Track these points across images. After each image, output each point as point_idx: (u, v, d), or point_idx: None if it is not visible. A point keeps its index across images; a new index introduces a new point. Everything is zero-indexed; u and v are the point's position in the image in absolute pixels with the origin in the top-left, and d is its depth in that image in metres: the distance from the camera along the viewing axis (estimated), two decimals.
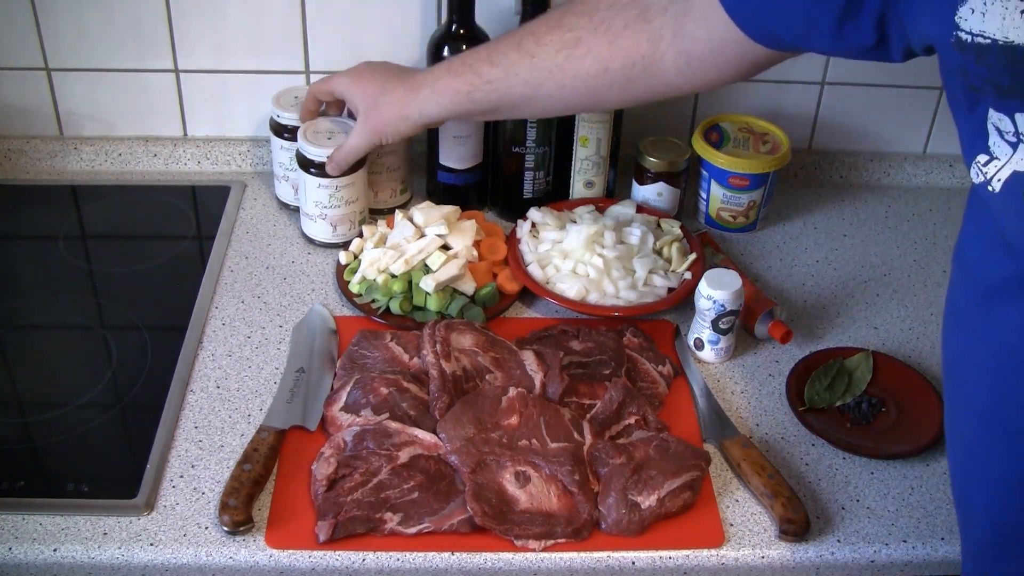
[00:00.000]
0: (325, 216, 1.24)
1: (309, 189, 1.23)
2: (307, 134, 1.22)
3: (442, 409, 1.02)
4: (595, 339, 1.13)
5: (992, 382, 0.73)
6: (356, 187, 1.24)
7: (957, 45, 0.67)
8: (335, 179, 1.21)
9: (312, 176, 1.22)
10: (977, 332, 0.74)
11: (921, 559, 0.97)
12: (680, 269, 1.23)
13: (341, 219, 1.25)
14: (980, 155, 0.71)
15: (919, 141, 1.48)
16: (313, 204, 1.24)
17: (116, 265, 1.27)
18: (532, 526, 0.94)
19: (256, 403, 1.07)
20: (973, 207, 0.76)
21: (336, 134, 1.23)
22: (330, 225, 1.25)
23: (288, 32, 1.34)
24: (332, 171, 1.20)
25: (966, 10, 0.66)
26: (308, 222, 1.27)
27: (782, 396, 1.11)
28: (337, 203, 1.23)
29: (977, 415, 0.76)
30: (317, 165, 1.21)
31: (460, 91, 1.06)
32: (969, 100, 0.72)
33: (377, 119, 1.14)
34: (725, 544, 0.96)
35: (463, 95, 1.06)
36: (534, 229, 1.27)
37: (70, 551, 0.92)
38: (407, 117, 1.12)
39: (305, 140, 1.21)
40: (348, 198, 1.24)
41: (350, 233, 1.27)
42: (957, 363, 0.78)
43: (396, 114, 1.13)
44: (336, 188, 1.22)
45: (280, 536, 0.94)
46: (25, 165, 1.42)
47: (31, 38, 1.33)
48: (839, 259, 1.33)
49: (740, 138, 1.35)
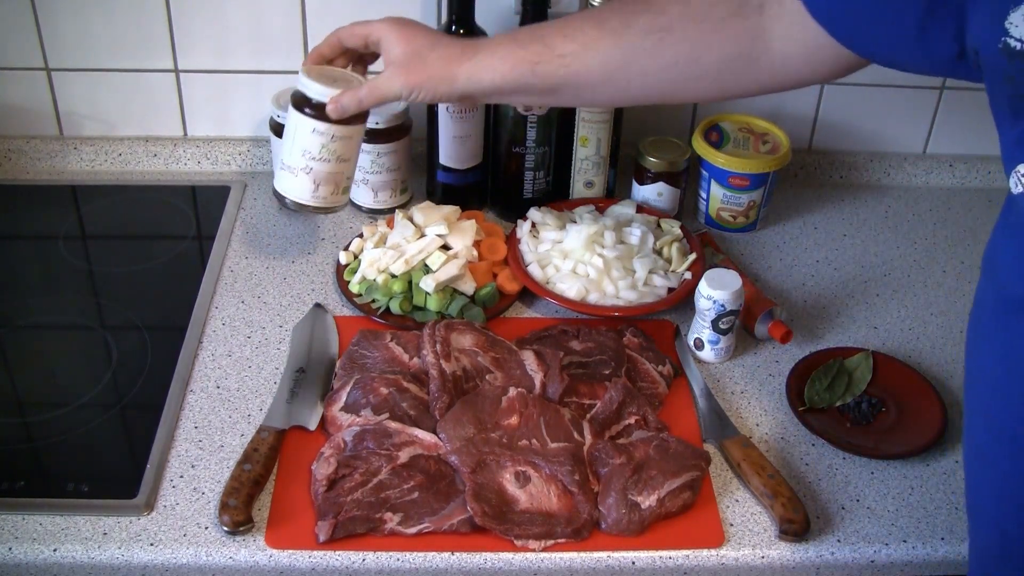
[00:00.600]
0: (310, 170, 1.06)
1: (299, 134, 1.05)
2: (310, 72, 1.04)
3: (442, 409, 1.02)
4: (595, 339, 1.13)
5: (1007, 395, 0.72)
6: (352, 144, 1.07)
7: (1005, 52, 0.66)
8: (334, 126, 1.04)
9: (307, 117, 1.04)
10: (997, 342, 0.72)
11: (921, 559, 0.97)
12: (680, 269, 1.23)
13: (326, 178, 1.07)
14: (1021, 165, 0.69)
15: (919, 141, 1.48)
16: (300, 153, 1.06)
17: (116, 265, 1.27)
18: (532, 526, 0.94)
19: (256, 403, 1.07)
20: (1008, 216, 0.74)
21: (343, 82, 1.05)
22: (312, 183, 1.07)
23: (288, 32, 1.34)
24: (334, 112, 1.03)
25: (1017, 16, 0.64)
26: (286, 176, 1.08)
27: (782, 396, 1.11)
28: (328, 156, 1.06)
29: (990, 426, 0.74)
30: (315, 106, 1.04)
31: (524, 60, 0.96)
32: (1014, 108, 0.69)
33: (420, 71, 0.99)
34: (725, 544, 0.96)
35: (526, 65, 0.95)
36: (534, 229, 1.27)
37: (70, 551, 0.92)
38: (454, 78, 0.98)
39: (308, 76, 1.04)
40: (341, 154, 1.07)
41: (331, 199, 1.09)
42: (976, 370, 0.76)
43: (442, 71, 0.98)
44: (332, 138, 1.05)
45: (280, 536, 0.94)
46: (25, 165, 1.42)
47: (31, 38, 1.33)
48: (839, 259, 1.33)
49: (740, 138, 1.35)
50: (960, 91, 1.42)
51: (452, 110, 1.26)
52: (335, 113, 1.03)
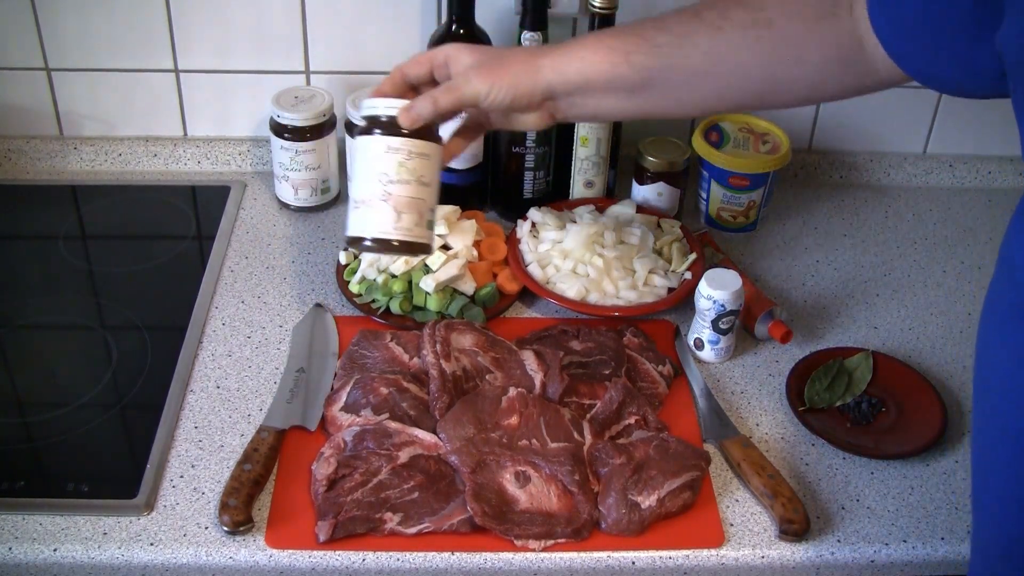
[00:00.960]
0: (388, 196, 0.93)
1: (370, 159, 0.93)
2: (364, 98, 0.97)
3: (442, 409, 1.02)
4: (595, 339, 1.13)
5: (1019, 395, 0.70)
6: (431, 164, 0.95)
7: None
8: (409, 140, 0.93)
9: (378, 136, 0.93)
10: (1011, 341, 0.71)
11: (921, 559, 0.97)
12: (680, 269, 1.23)
13: (408, 204, 0.93)
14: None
15: (919, 141, 1.48)
16: (376, 179, 0.93)
17: (116, 265, 1.27)
18: (532, 526, 0.94)
19: (256, 403, 1.07)
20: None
21: None
22: (394, 211, 0.93)
23: (288, 32, 1.34)
24: (408, 120, 0.92)
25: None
26: (361, 213, 0.94)
27: (782, 396, 1.11)
28: (407, 177, 0.92)
29: (999, 425, 0.73)
30: (385, 123, 0.93)
31: (617, 49, 0.90)
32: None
33: (499, 67, 0.93)
34: (725, 544, 0.96)
35: (620, 55, 0.90)
36: (534, 229, 1.27)
37: (70, 551, 0.92)
38: (537, 68, 0.92)
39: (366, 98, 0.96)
40: (421, 174, 0.93)
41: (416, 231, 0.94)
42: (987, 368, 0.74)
43: (524, 65, 0.92)
44: (408, 154, 0.93)
45: (280, 536, 0.94)
46: (25, 165, 1.42)
47: (31, 38, 1.33)
48: (839, 259, 1.33)
49: (740, 138, 1.35)
50: None
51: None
52: (409, 121, 0.93)
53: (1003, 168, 1.48)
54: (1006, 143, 1.47)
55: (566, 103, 0.95)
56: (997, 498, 0.75)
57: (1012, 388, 0.71)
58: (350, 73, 1.37)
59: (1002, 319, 0.73)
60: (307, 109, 1.29)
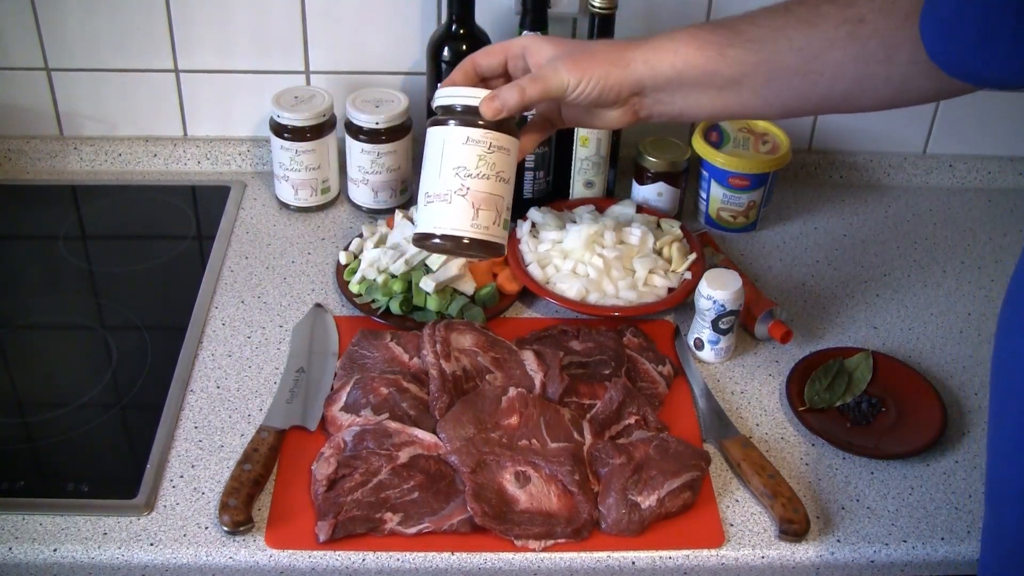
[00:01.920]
0: (466, 191, 0.89)
1: (448, 151, 0.89)
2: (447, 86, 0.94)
3: (442, 409, 1.02)
4: (595, 339, 1.13)
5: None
6: (511, 160, 0.91)
7: None
8: (491, 132, 0.89)
9: (458, 127, 0.89)
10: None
11: (921, 559, 0.97)
12: (680, 269, 1.23)
13: (486, 200, 0.90)
14: None
15: (919, 141, 1.48)
16: (452, 173, 0.89)
17: (116, 265, 1.27)
18: (532, 526, 0.94)
19: (256, 403, 1.07)
20: None
21: None
22: (471, 207, 0.89)
23: (288, 32, 1.34)
24: (490, 110, 0.88)
25: None
26: (435, 208, 0.90)
27: (782, 396, 1.11)
28: (486, 172, 0.89)
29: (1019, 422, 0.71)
30: (464, 112, 0.89)
31: (711, 43, 0.88)
32: None
33: (587, 59, 0.89)
34: (725, 544, 0.96)
35: (714, 48, 0.88)
36: (534, 229, 1.27)
37: (70, 551, 0.92)
38: (628, 62, 0.89)
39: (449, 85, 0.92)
40: (501, 170, 0.90)
41: (493, 229, 0.91)
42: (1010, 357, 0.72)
43: (614, 57, 0.89)
44: (489, 147, 0.89)
45: (280, 536, 0.94)
46: (25, 165, 1.42)
47: (31, 38, 1.33)
48: (839, 259, 1.33)
49: (740, 138, 1.35)
50: None
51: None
52: (492, 112, 0.88)
53: (1003, 168, 1.48)
54: (1006, 143, 1.47)
55: (653, 99, 0.93)
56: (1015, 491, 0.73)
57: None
58: (350, 73, 1.37)
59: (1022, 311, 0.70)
60: (307, 109, 1.29)
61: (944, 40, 0.77)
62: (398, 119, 1.29)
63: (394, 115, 1.28)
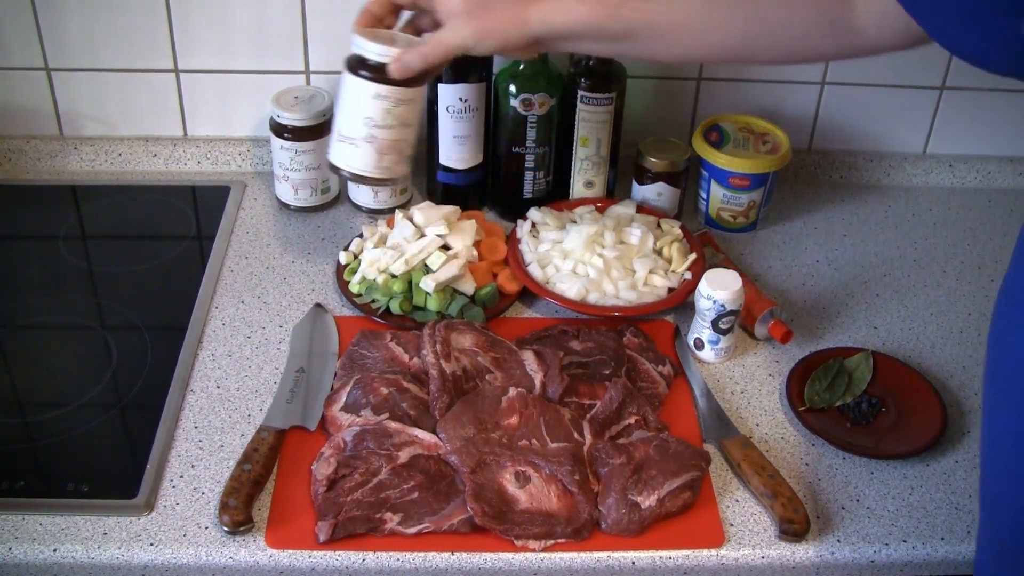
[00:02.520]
0: (373, 139, 1.00)
1: (359, 101, 0.99)
2: (365, 34, 0.99)
3: (442, 409, 1.02)
4: (595, 339, 1.13)
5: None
6: (416, 107, 1.01)
7: None
8: (398, 88, 0.98)
9: (368, 81, 0.97)
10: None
11: (921, 559, 0.97)
12: (680, 269, 1.23)
13: (391, 146, 1.01)
14: None
15: (919, 141, 1.48)
16: (361, 121, 0.99)
17: (116, 265, 1.27)
18: (532, 526, 0.94)
19: (256, 403, 1.07)
20: None
21: (398, 42, 0.99)
22: (376, 152, 1.01)
23: (288, 32, 1.34)
24: (398, 71, 0.96)
25: None
26: (346, 148, 1.01)
27: (782, 396, 1.11)
28: (392, 122, 0.99)
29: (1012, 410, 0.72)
30: (375, 67, 0.97)
31: (605, 3, 0.91)
32: None
33: (486, 18, 0.93)
34: (725, 544, 0.96)
35: (608, 8, 0.91)
36: (534, 229, 1.27)
37: (70, 551, 0.92)
38: (525, 20, 0.93)
39: (363, 37, 0.98)
40: (405, 119, 1.00)
41: (395, 168, 1.03)
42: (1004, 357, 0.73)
43: (511, 15, 0.93)
44: (396, 102, 0.98)
45: (280, 536, 0.94)
46: (25, 165, 1.42)
47: (31, 38, 1.33)
48: (839, 259, 1.33)
49: (740, 138, 1.35)
50: (960, 91, 1.42)
51: (452, 110, 1.26)
52: (398, 72, 0.97)
53: (1003, 168, 1.48)
54: (1006, 143, 1.47)
55: (548, 45, 0.98)
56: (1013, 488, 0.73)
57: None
58: None
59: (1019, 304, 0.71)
60: (307, 109, 1.29)
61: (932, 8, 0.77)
62: None
63: None
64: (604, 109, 1.26)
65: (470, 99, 1.26)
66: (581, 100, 1.26)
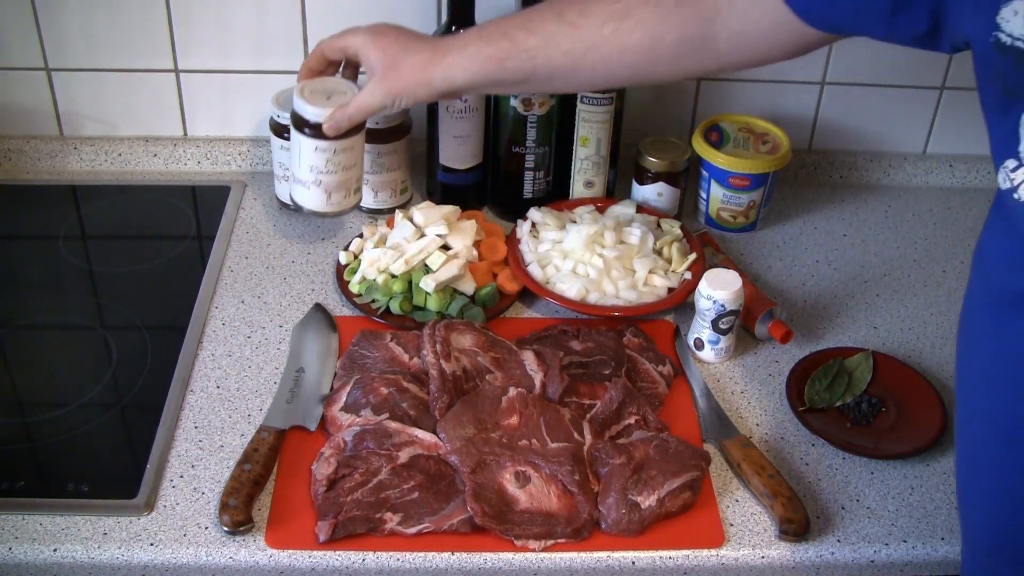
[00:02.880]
0: (320, 183, 1.15)
1: (304, 152, 1.13)
2: (304, 92, 1.12)
3: (442, 409, 1.02)
4: (595, 339, 1.13)
5: (1001, 392, 0.72)
6: (355, 152, 1.15)
7: (996, 46, 0.66)
8: (334, 142, 1.12)
9: (307, 138, 1.12)
10: (990, 339, 0.73)
11: (921, 559, 0.97)
12: (680, 269, 1.23)
13: (337, 186, 1.16)
14: (1009, 160, 0.69)
15: (919, 141, 1.48)
16: (307, 169, 1.14)
17: (116, 265, 1.27)
18: (532, 526, 0.94)
19: (256, 403, 1.07)
20: (996, 212, 0.74)
21: (336, 95, 1.13)
22: (324, 193, 1.16)
23: (288, 32, 1.34)
24: (330, 131, 1.10)
25: (1009, 11, 0.64)
26: (300, 189, 1.17)
27: (782, 396, 1.11)
28: (334, 169, 1.14)
29: (984, 422, 0.75)
30: (313, 126, 1.11)
31: (492, 57, 1.00)
32: (1002, 103, 0.69)
33: (396, 79, 1.05)
34: (725, 544, 0.96)
35: (495, 62, 1.00)
36: (534, 229, 1.27)
37: (70, 551, 0.92)
38: (430, 81, 1.03)
39: (302, 98, 1.11)
40: (346, 164, 1.14)
41: (345, 202, 1.18)
42: (968, 367, 0.76)
43: (418, 77, 1.04)
44: (334, 152, 1.12)
45: (280, 536, 0.94)
46: (25, 165, 1.42)
47: (31, 38, 1.33)
48: (839, 259, 1.33)
49: (740, 138, 1.35)
50: (960, 91, 1.42)
51: (452, 110, 1.26)
52: (331, 131, 1.10)
53: None
54: None
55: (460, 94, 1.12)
56: (982, 493, 0.76)
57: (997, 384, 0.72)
58: None
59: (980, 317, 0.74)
60: None
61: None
62: (397, 119, 1.29)
63: (393, 116, 1.28)
64: (604, 109, 1.26)
65: (470, 99, 1.26)
66: (581, 100, 1.26)
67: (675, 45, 0.94)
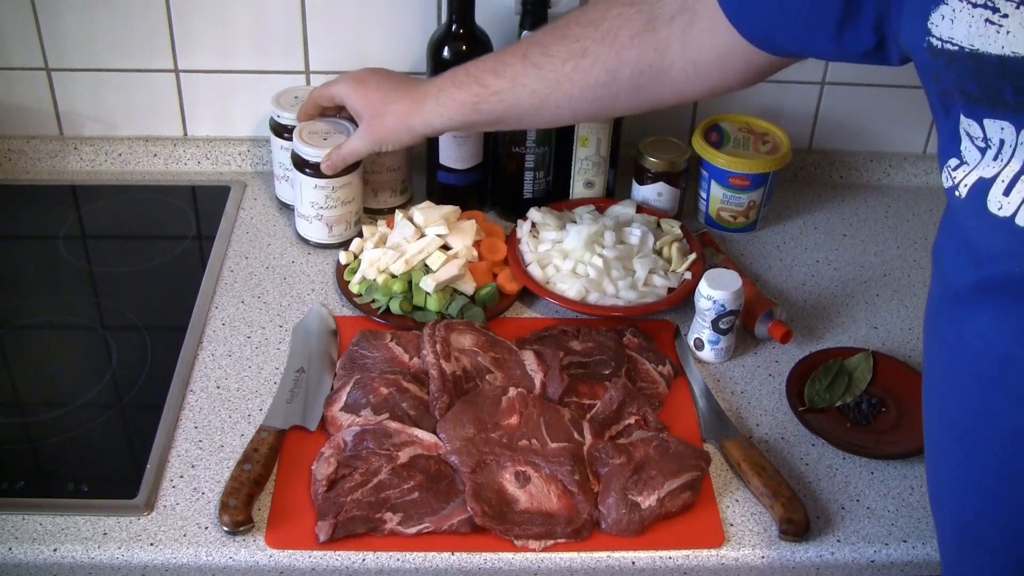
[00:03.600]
0: (321, 217, 1.25)
1: (305, 190, 1.23)
2: (303, 134, 1.22)
3: (442, 409, 1.02)
4: (595, 339, 1.13)
5: (956, 387, 0.74)
6: (352, 188, 1.24)
7: (929, 50, 0.69)
8: (332, 179, 1.22)
9: (308, 176, 1.22)
10: (944, 336, 0.75)
11: (921, 559, 0.97)
12: (680, 269, 1.23)
13: (337, 220, 1.25)
14: (951, 159, 0.73)
15: (919, 141, 1.48)
16: (309, 205, 1.24)
17: (116, 265, 1.27)
18: (532, 526, 0.94)
19: (256, 403, 1.07)
20: (946, 211, 0.77)
21: (332, 135, 1.23)
22: (326, 226, 1.25)
23: (288, 32, 1.34)
24: (327, 171, 1.20)
25: (937, 16, 0.67)
26: (303, 223, 1.27)
27: (782, 396, 1.11)
28: (333, 204, 1.24)
29: (941, 417, 0.77)
30: (312, 166, 1.21)
31: (465, 103, 1.06)
32: (943, 105, 0.73)
33: (380, 127, 1.15)
34: (725, 544, 0.96)
35: (468, 106, 1.06)
36: (534, 229, 1.27)
37: (70, 551, 0.92)
38: (411, 128, 1.12)
39: (301, 140, 1.21)
40: (344, 199, 1.24)
41: (346, 234, 1.27)
42: (930, 363, 0.79)
43: (399, 125, 1.13)
44: (332, 189, 1.22)
45: (280, 536, 0.94)
46: (25, 165, 1.42)
47: (31, 38, 1.33)
48: (839, 259, 1.33)
49: (740, 138, 1.35)
50: None
51: None
52: (328, 171, 1.20)
53: None
54: None
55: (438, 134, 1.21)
56: (947, 488, 0.78)
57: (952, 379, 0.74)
58: None
59: (936, 315, 0.77)
60: None
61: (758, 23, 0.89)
62: None
63: None
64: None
65: None
66: None
67: (632, 79, 0.98)
